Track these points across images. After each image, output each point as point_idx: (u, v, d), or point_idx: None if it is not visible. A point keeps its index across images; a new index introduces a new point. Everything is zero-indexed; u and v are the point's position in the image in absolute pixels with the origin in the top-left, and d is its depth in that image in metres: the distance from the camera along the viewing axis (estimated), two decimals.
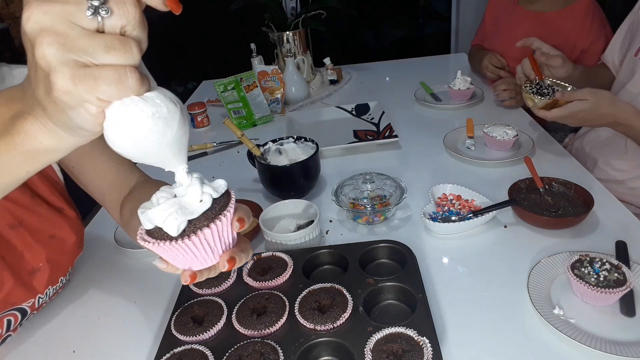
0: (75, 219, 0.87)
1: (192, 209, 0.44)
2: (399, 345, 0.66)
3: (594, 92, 1.04)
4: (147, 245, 0.45)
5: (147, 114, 0.36)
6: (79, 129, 0.37)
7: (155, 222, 0.44)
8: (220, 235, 0.46)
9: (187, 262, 0.47)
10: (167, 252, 0.45)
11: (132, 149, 0.38)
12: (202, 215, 0.44)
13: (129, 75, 0.34)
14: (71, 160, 0.83)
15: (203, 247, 0.45)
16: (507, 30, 1.74)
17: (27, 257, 0.79)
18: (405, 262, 0.84)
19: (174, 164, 0.42)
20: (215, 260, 0.48)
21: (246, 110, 1.64)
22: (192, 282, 0.48)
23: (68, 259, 0.88)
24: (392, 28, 4.12)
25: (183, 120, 0.39)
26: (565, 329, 0.71)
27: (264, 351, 0.68)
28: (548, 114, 1.07)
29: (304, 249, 0.91)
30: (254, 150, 1.15)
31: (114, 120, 0.36)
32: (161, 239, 0.44)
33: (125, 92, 0.34)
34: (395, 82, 2.00)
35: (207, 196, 0.44)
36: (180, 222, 0.43)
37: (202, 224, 0.44)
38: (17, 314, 0.80)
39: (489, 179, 1.17)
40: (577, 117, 1.05)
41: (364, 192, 1.05)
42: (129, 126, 0.36)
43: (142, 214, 0.44)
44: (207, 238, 0.45)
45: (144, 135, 0.37)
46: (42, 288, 0.82)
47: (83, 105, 0.34)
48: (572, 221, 0.95)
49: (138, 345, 0.79)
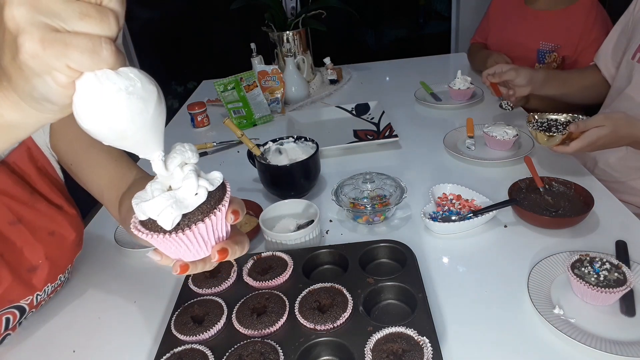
0: (75, 217, 0.87)
1: (187, 203, 0.43)
2: (399, 345, 0.66)
3: (609, 116, 1.02)
4: (140, 235, 0.44)
5: (120, 87, 0.34)
6: (45, 102, 0.35)
7: (150, 215, 0.43)
8: (215, 229, 0.46)
9: (180, 254, 0.47)
10: (160, 244, 0.45)
11: (104, 128, 0.35)
12: (197, 209, 0.43)
13: (104, 47, 0.32)
14: (69, 158, 0.83)
15: (197, 240, 0.45)
16: (511, 29, 1.74)
17: (26, 254, 0.79)
18: (405, 261, 0.84)
19: (149, 148, 0.40)
20: (207, 253, 0.48)
21: (246, 110, 1.64)
22: (182, 273, 0.48)
23: (67, 257, 0.88)
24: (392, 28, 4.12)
25: (160, 101, 0.37)
26: (565, 329, 0.71)
27: (264, 351, 0.68)
28: (567, 149, 1.03)
29: (304, 249, 0.91)
30: (254, 150, 1.15)
31: (84, 93, 0.34)
32: (155, 231, 0.43)
33: (98, 63, 0.32)
34: (395, 82, 2.00)
35: (203, 189, 0.44)
36: (175, 217, 0.42)
37: (196, 218, 0.43)
38: (16, 312, 0.80)
39: (489, 178, 1.17)
40: (597, 144, 1.01)
41: (364, 191, 1.05)
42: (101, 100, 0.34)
43: (137, 205, 0.43)
44: (202, 232, 0.44)
45: (117, 112, 0.34)
46: (41, 285, 0.82)
47: (51, 72, 0.32)
48: (572, 221, 0.95)
49: (138, 344, 0.79)
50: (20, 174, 0.79)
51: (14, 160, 0.78)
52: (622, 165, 1.24)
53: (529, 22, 1.68)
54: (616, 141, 1.02)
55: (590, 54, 1.55)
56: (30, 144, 0.81)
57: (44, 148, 0.83)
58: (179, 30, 3.50)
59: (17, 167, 0.79)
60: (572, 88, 1.39)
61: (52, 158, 0.85)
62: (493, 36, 1.85)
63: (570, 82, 1.39)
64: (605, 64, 1.37)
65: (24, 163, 0.80)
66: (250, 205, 1.09)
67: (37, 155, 0.82)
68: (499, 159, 1.24)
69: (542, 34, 1.65)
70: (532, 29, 1.67)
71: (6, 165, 0.77)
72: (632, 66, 1.21)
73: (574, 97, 1.41)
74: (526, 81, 1.27)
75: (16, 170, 0.79)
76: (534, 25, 1.67)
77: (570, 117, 1.16)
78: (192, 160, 0.44)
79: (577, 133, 1.02)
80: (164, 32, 3.52)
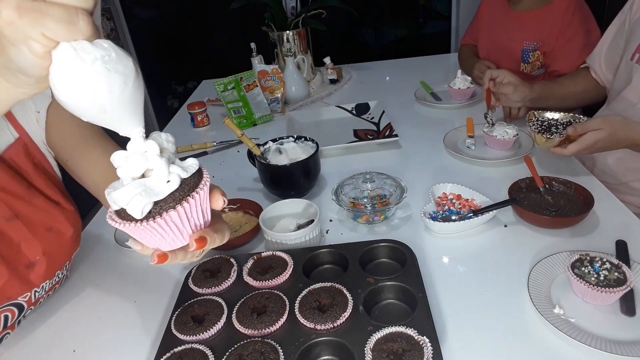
0: (72, 212, 0.87)
1: (158, 190, 0.42)
2: (399, 344, 0.66)
3: (606, 119, 1.02)
4: (115, 225, 0.44)
5: (96, 56, 0.34)
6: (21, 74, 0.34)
7: (120, 204, 0.42)
8: (189, 217, 0.45)
9: (156, 243, 0.47)
10: (134, 232, 0.44)
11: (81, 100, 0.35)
12: (169, 197, 0.43)
13: (80, 18, 0.32)
14: (65, 154, 0.84)
15: (170, 228, 0.44)
16: (498, 31, 1.78)
17: (23, 250, 0.78)
18: (406, 261, 0.84)
19: (130, 124, 0.39)
20: (185, 242, 0.47)
21: (246, 110, 1.64)
22: (160, 262, 0.47)
23: (65, 253, 0.88)
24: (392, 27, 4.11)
25: (138, 76, 0.38)
26: (565, 329, 0.71)
27: (264, 350, 0.68)
28: (565, 151, 1.03)
29: (304, 249, 0.91)
30: (254, 150, 1.15)
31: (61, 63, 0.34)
32: (128, 220, 0.43)
33: (74, 33, 0.32)
34: (396, 82, 2.00)
35: (175, 176, 0.43)
36: (144, 204, 0.41)
37: (168, 206, 0.43)
38: (14, 310, 0.80)
39: (489, 178, 1.17)
40: (594, 147, 1.02)
41: (364, 191, 1.05)
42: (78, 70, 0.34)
43: (108, 194, 0.43)
44: (174, 220, 0.44)
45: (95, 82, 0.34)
46: (39, 282, 0.82)
47: (26, 41, 0.32)
48: (572, 220, 0.95)
49: (138, 344, 0.79)
50: (16, 169, 0.79)
51: (10, 156, 0.78)
52: (620, 166, 1.24)
53: (512, 24, 1.71)
54: (614, 144, 1.03)
55: (567, 49, 1.58)
56: (26, 140, 0.81)
57: (40, 144, 0.83)
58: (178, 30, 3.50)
59: (13, 162, 0.79)
60: (566, 98, 1.41)
61: (48, 154, 0.85)
62: (482, 38, 1.88)
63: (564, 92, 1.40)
64: (599, 66, 1.37)
65: (20, 159, 0.80)
66: (250, 205, 1.09)
67: (34, 152, 0.82)
68: (499, 158, 1.24)
69: (525, 34, 1.68)
70: (516, 30, 1.70)
71: (2, 161, 0.77)
72: (631, 67, 1.21)
73: (569, 104, 1.43)
74: (520, 99, 1.29)
75: (12, 166, 0.79)
76: (517, 27, 1.70)
77: (570, 117, 1.16)
78: (169, 148, 0.43)
79: (575, 135, 1.02)
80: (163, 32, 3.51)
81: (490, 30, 1.82)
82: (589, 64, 1.42)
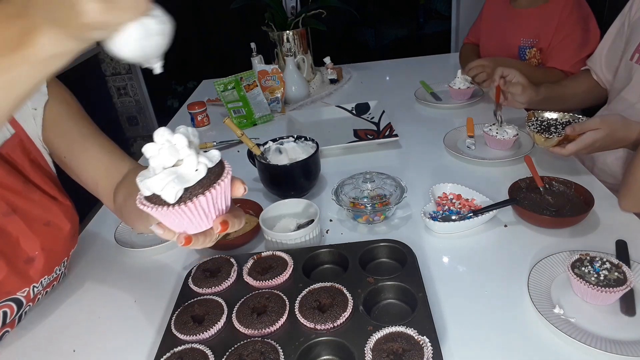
0: (70, 208, 0.88)
1: (188, 178, 0.47)
2: (399, 344, 0.66)
3: (605, 119, 1.02)
4: (145, 209, 0.49)
5: (157, 31, 0.43)
6: (91, 41, 0.42)
7: (154, 190, 0.47)
8: (214, 202, 0.50)
9: (183, 226, 0.51)
10: (164, 216, 0.49)
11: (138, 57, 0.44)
12: (198, 184, 0.48)
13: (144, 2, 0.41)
14: (63, 151, 0.84)
15: (198, 212, 0.49)
16: (499, 29, 1.79)
17: (22, 245, 0.79)
18: (406, 261, 0.84)
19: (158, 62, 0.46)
20: (209, 225, 0.52)
21: (246, 110, 1.64)
22: (186, 244, 0.52)
23: (63, 249, 0.88)
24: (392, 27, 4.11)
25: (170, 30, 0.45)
26: (565, 328, 0.71)
27: (264, 350, 0.68)
28: (563, 151, 1.04)
29: (304, 248, 0.91)
30: (254, 150, 1.15)
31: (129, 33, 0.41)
32: (159, 204, 0.48)
33: (140, 15, 0.41)
34: (396, 82, 2.00)
35: (203, 165, 0.48)
36: (177, 190, 0.46)
37: (197, 192, 0.48)
38: (13, 305, 0.80)
39: (489, 178, 1.17)
40: (593, 147, 1.02)
41: (364, 191, 1.05)
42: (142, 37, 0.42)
43: (141, 182, 0.48)
44: (202, 204, 0.48)
45: (151, 45, 0.43)
46: (37, 277, 0.83)
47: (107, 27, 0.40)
48: (572, 220, 0.95)
49: (138, 344, 0.79)
50: (13, 164, 0.80)
51: (6, 151, 0.79)
52: (620, 166, 1.24)
53: (511, 21, 1.73)
54: (613, 144, 1.03)
55: (564, 45, 1.59)
56: (22, 136, 0.81)
57: (36, 140, 0.84)
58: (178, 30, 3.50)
59: (10, 158, 0.79)
60: (568, 99, 1.41)
61: (44, 151, 0.86)
62: (484, 36, 1.89)
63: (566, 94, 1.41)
64: (600, 68, 1.38)
65: (16, 155, 0.80)
66: (250, 205, 1.09)
67: (30, 147, 0.83)
68: (499, 158, 1.24)
69: (522, 31, 1.70)
70: (514, 27, 1.72)
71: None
72: (631, 67, 1.21)
73: (570, 106, 1.43)
74: (525, 100, 1.29)
75: (9, 161, 0.79)
76: (515, 24, 1.72)
77: (569, 117, 1.16)
78: (194, 141, 0.49)
79: (573, 135, 1.03)
80: None
81: (491, 27, 1.84)
82: (590, 65, 1.42)
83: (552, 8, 1.62)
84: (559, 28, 1.60)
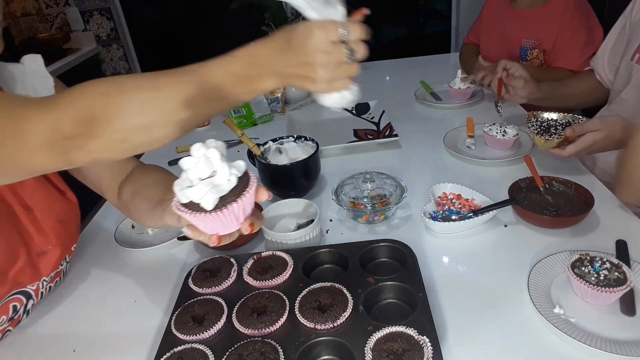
0: (75, 205, 0.91)
1: (222, 187, 0.55)
2: (399, 344, 0.66)
3: (604, 120, 1.02)
4: (183, 214, 0.56)
5: (350, 99, 0.64)
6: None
7: (193, 199, 0.55)
8: (244, 208, 0.58)
9: (216, 229, 0.59)
10: (200, 221, 0.57)
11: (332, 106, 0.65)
12: (230, 192, 0.56)
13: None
14: None
15: (230, 217, 0.57)
16: (499, 29, 1.79)
17: (36, 240, 0.82)
18: (406, 261, 0.84)
19: None
20: (238, 227, 0.60)
21: (246, 110, 1.64)
22: (218, 244, 0.61)
23: (70, 244, 0.91)
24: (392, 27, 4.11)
25: None
26: (565, 328, 0.71)
27: (264, 350, 0.68)
28: (563, 152, 1.04)
29: (304, 248, 0.91)
30: (254, 150, 1.15)
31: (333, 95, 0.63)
32: (197, 211, 0.56)
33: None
34: (396, 81, 2.00)
35: (234, 176, 0.56)
36: (215, 199, 0.55)
37: (230, 199, 0.56)
38: (23, 299, 0.82)
39: (489, 178, 1.17)
40: (593, 148, 1.02)
41: (364, 191, 1.05)
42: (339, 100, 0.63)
43: (180, 191, 0.56)
44: (234, 210, 0.56)
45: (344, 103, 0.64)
46: (48, 271, 0.85)
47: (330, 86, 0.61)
48: (572, 220, 0.95)
49: (138, 344, 0.79)
50: None
51: None
52: None
53: (512, 21, 1.72)
54: (612, 145, 1.03)
55: (570, 45, 1.58)
56: None
57: None
58: (179, 30, 3.50)
59: None
60: (569, 98, 1.41)
61: None
62: (484, 36, 1.88)
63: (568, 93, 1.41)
64: (602, 68, 1.38)
65: None
66: None
67: None
68: (499, 158, 1.24)
69: (523, 31, 1.69)
70: (515, 28, 1.71)
71: None
72: (631, 67, 1.21)
73: (570, 104, 1.43)
74: (526, 95, 1.29)
75: None
76: (516, 24, 1.71)
77: (569, 118, 1.16)
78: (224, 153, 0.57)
79: (573, 136, 1.03)
80: (163, 32, 3.52)
81: (492, 27, 1.83)
82: (593, 66, 1.42)
83: (552, 8, 1.61)
84: (562, 28, 1.59)
